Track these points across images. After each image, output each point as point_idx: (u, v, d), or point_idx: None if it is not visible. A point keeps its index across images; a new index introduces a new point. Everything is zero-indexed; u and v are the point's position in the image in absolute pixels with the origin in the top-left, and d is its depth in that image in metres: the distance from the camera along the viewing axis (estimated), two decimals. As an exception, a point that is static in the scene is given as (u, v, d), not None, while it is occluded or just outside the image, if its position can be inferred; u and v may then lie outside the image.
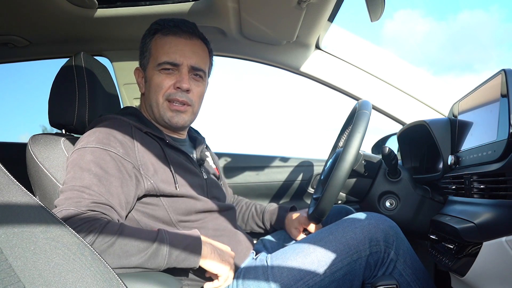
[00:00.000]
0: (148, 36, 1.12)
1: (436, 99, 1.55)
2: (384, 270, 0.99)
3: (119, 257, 0.83)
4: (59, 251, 0.61)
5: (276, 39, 1.53)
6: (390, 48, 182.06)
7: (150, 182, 0.98)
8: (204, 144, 1.27)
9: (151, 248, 0.85)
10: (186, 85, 1.06)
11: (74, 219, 0.83)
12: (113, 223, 0.87)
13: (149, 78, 1.10)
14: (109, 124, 1.00)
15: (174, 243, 0.88)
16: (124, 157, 0.96)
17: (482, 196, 0.88)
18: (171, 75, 1.07)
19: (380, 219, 1.01)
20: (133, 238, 0.85)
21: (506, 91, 0.83)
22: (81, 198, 0.87)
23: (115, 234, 0.84)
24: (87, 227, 0.82)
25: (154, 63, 1.08)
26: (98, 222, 0.84)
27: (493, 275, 0.82)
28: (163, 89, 1.07)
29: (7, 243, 0.57)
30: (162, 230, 0.91)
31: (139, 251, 0.84)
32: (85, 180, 0.90)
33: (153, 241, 0.86)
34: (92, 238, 0.81)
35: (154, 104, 1.09)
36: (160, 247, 0.86)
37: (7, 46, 1.59)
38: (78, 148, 0.96)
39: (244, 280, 0.99)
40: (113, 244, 0.83)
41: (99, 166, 0.92)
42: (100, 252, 0.79)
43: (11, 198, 0.61)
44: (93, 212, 0.86)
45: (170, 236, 0.89)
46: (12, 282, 0.55)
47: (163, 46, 1.08)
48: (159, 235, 0.88)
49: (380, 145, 1.70)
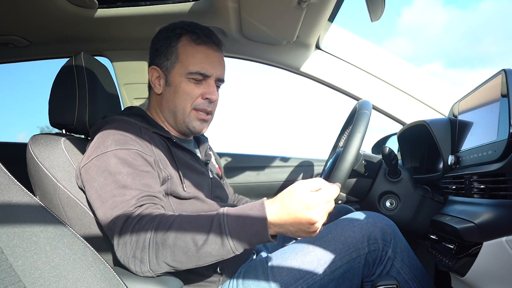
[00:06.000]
0: (172, 39, 1.09)
1: (436, 99, 1.55)
2: (382, 268, 0.99)
3: (184, 253, 0.79)
4: (59, 251, 0.61)
5: (276, 39, 1.54)
6: (405, 38, 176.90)
7: (167, 177, 0.99)
8: (207, 143, 1.27)
9: (208, 239, 0.79)
10: (216, 97, 1.10)
11: (127, 223, 0.83)
12: (167, 217, 0.83)
13: (175, 84, 1.08)
14: (118, 125, 1.00)
15: (234, 230, 0.79)
16: (145, 152, 0.96)
17: (482, 196, 0.88)
18: (200, 85, 1.08)
19: (378, 218, 1.02)
20: (189, 231, 0.80)
21: (506, 91, 0.83)
22: (125, 201, 0.86)
23: (170, 228, 0.80)
24: (143, 225, 0.81)
25: (183, 69, 1.07)
26: (150, 218, 0.82)
27: (493, 275, 0.82)
28: (192, 98, 1.08)
29: (8, 243, 0.57)
30: (219, 216, 0.81)
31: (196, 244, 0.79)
32: (120, 182, 0.89)
33: (207, 232, 0.79)
34: (151, 233, 0.80)
35: (180, 111, 1.09)
36: (216, 237, 0.79)
37: (7, 46, 1.59)
38: (98, 154, 0.93)
39: (244, 279, 0.99)
40: (170, 240, 0.79)
41: (127, 165, 0.91)
42: (161, 248, 0.79)
43: (11, 198, 0.61)
44: (141, 207, 0.86)
45: (229, 221, 0.80)
46: (12, 282, 0.55)
47: (195, 55, 1.07)
48: (213, 223, 0.80)
49: (380, 145, 1.70)
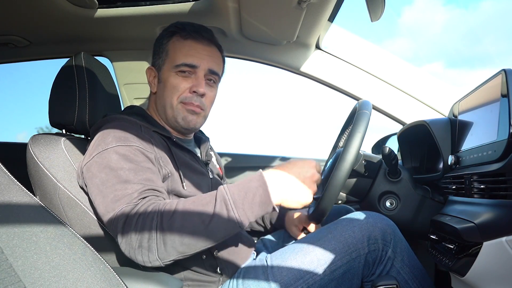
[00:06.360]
0: (165, 37, 1.11)
1: (436, 99, 1.55)
2: (382, 268, 0.99)
3: (192, 235, 0.82)
4: (59, 251, 0.61)
5: (276, 39, 1.53)
6: (405, 38, 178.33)
7: (167, 174, 0.99)
8: (208, 144, 1.28)
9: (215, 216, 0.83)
10: (203, 90, 1.07)
11: (130, 215, 0.83)
12: (170, 202, 0.85)
13: (164, 79, 1.10)
14: (118, 124, 1.00)
15: (237, 201, 0.85)
16: (146, 149, 0.96)
17: (482, 196, 0.88)
18: (188, 78, 1.08)
19: (378, 218, 1.02)
20: (194, 211, 0.83)
21: (506, 91, 0.83)
22: (127, 195, 0.86)
23: (175, 212, 0.83)
24: (147, 213, 0.82)
25: (171, 64, 1.08)
26: (154, 206, 0.84)
27: (494, 275, 0.82)
28: (179, 91, 1.07)
29: (8, 243, 0.57)
30: (221, 191, 0.86)
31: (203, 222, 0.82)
32: (122, 177, 0.89)
33: (212, 210, 0.84)
34: (156, 220, 0.81)
35: (168, 105, 1.09)
36: (222, 213, 0.83)
37: (7, 46, 1.59)
38: (99, 152, 0.94)
39: (244, 279, 0.99)
40: (176, 223, 0.82)
41: (129, 161, 0.92)
42: (168, 233, 0.80)
43: (11, 198, 0.61)
44: (144, 199, 0.86)
45: (232, 194, 0.85)
46: (12, 282, 0.55)
47: (182, 49, 1.08)
48: (217, 198, 0.85)
49: (380, 145, 1.70)
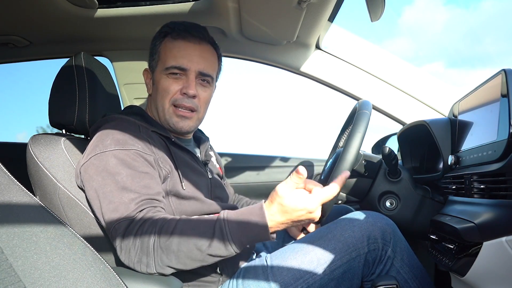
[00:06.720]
0: (158, 38, 1.11)
1: (436, 99, 1.55)
2: (382, 268, 0.99)
3: (187, 256, 0.83)
4: (59, 251, 0.61)
5: (276, 39, 1.53)
6: (406, 38, 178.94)
7: (167, 174, 0.99)
8: (208, 143, 1.27)
9: (212, 245, 0.83)
10: (193, 91, 1.06)
11: (128, 231, 0.84)
12: (168, 221, 0.85)
13: (156, 81, 1.10)
14: (116, 124, 1.00)
15: (235, 235, 0.84)
16: (145, 152, 0.96)
17: (482, 196, 0.88)
18: (178, 80, 1.07)
19: (378, 217, 1.02)
20: (192, 235, 0.84)
21: (506, 91, 0.83)
22: (123, 204, 0.87)
23: (172, 234, 0.83)
24: (145, 230, 0.83)
25: (162, 66, 1.08)
26: (152, 222, 0.84)
27: (493, 275, 0.82)
28: (169, 94, 1.07)
29: (8, 243, 0.57)
30: (220, 222, 0.85)
31: (200, 248, 0.83)
32: (120, 183, 0.89)
33: (211, 237, 0.83)
34: (154, 238, 0.83)
35: (160, 108, 1.09)
36: (220, 242, 0.83)
37: (7, 46, 1.59)
38: (97, 153, 0.94)
39: (244, 279, 0.99)
40: (173, 246, 0.83)
41: (127, 166, 0.91)
42: (165, 254, 0.82)
43: (11, 198, 0.61)
44: (142, 212, 0.86)
45: (231, 228, 0.84)
46: (12, 282, 0.55)
47: (171, 50, 1.07)
48: (215, 229, 0.84)
49: (380, 145, 1.70)
